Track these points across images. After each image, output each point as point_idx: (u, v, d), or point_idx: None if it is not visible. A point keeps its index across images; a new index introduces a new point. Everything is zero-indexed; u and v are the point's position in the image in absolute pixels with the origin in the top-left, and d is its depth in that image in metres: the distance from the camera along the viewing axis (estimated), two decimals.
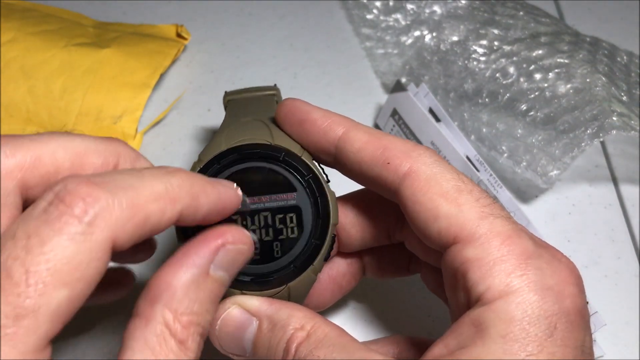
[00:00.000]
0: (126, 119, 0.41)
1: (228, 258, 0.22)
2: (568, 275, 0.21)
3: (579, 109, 0.37)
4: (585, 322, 0.21)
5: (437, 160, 0.24)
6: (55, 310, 0.17)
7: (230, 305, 0.25)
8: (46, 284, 0.16)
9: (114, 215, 0.18)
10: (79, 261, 0.17)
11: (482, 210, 0.22)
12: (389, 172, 0.24)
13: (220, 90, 0.45)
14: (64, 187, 0.18)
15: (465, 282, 0.21)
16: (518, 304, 0.20)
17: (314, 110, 0.26)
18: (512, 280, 0.21)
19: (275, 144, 0.26)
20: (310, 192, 0.26)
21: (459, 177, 0.23)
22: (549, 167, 0.36)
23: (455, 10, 0.45)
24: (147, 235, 0.20)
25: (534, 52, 0.40)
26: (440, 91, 0.42)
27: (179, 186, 0.20)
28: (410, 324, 0.33)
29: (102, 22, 0.47)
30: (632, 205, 0.39)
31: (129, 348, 0.19)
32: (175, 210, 0.20)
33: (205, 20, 0.49)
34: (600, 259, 0.36)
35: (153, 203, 0.19)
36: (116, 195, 0.18)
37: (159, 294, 0.20)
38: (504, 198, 0.34)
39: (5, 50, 0.41)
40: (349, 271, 0.30)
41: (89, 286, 0.18)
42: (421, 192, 0.23)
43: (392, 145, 0.24)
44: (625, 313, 0.34)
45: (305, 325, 0.23)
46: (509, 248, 0.21)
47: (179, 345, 0.20)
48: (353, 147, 0.25)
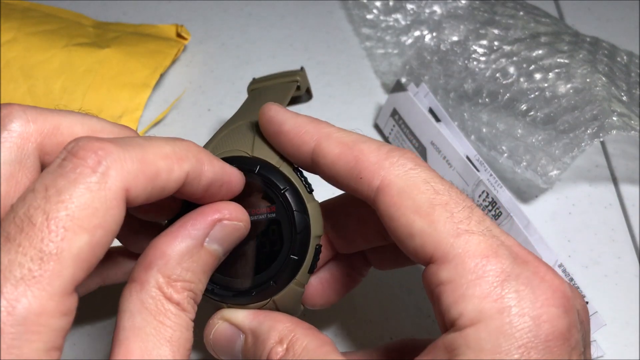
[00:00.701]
0: (126, 118, 0.41)
1: (223, 233, 0.23)
2: (549, 295, 0.20)
3: (579, 109, 0.37)
4: (570, 345, 0.20)
5: (411, 167, 0.22)
6: (78, 254, 0.17)
7: (217, 320, 0.26)
8: (67, 229, 0.17)
9: (125, 166, 0.19)
10: (95, 208, 0.18)
11: (457, 227, 0.21)
12: (362, 187, 0.23)
13: (220, 90, 0.45)
14: (77, 144, 0.19)
15: (439, 306, 0.21)
16: (490, 333, 0.19)
17: (287, 120, 0.25)
18: (484, 305, 0.19)
19: (253, 156, 0.25)
20: (286, 206, 0.25)
21: (434, 188, 0.22)
22: (549, 167, 0.36)
23: (455, 10, 0.45)
24: (158, 193, 0.20)
25: (534, 52, 0.40)
26: (440, 91, 0.42)
27: (186, 149, 0.21)
28: (410, 324, 0.33)
29: (102, 22, 0.47)
30: (632, 205, 0.39)
31: (126, 311, 0.20)
32: (182, 170, 0.21)
33: (205, 20, 0.49)
34: (600, 259, 0.36)
35: (162, 160, 0.20)
36: (127, 151, 0.19)
37: (154, 261, 0.21)
38: (504, 198, 0.34)
39: (5, 50, 0.41)
40: (353, 269, 0.29)
41: (108, 235, 0.18)
42: (394, 207, 0.22)
43: (363, 157, 0.23)
44: (625, 313, 0.34)
45: (284, 339, 0.24)
46: (484, 269, 0.20)
47: (176, 306, 0.20)
48: (326, 161, 0.24)
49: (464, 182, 0.35)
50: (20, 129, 0.20)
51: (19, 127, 0.20)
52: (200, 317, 0.28)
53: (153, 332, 0.20)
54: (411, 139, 0.39)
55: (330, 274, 0.29)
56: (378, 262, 0.30)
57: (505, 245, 0.21)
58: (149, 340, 0.19)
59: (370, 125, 0.43)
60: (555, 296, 0.20)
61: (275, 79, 0.34)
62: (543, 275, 0.20)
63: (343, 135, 0.24)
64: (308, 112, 0.44)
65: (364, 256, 0.30)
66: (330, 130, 0.24)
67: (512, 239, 0.21)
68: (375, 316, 0.33)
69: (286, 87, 0.33)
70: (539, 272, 0.20)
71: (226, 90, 0.45)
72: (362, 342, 0.32)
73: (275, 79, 0.34)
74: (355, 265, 0.29)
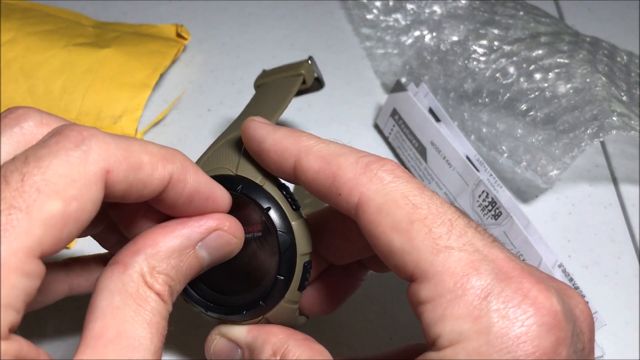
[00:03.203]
0: (126, 118, 0.41)
1: (216, 243, 0.23)
2: (532, 314, 0.19)
3: (579, 109, 0.37)
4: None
5: (390, 180, 0.21)
6: (48, 218, 0.17)
7: (215, 336, 0.26)
8: (40, 191, 0.17)
9: (109, 149, 0.19)
10: (73, 179, 0.18)
11: (436, 243, 0.20)
12: (342, 203, 0.22)
13: (220, 90, 0.45)
14: (62, 125, 0.19)
15: (421, 324, 0.20)
16: (468, 354, 0.19)
17: (265, 138, 0.24)
18: (463, 326, 0.19)
19: (237, 175, 0.25)
20: (270, 225, 0.24)
21: (412, 202, 0.21)
22: (549, 167, 0.36)
23: (455, 10, 0.45)
24: (140, 188, 0.20)
25: (534, 52, 0.40)
26: (440, 91, 0.42)
27: (172, 153, 0.21)
28: (409, 324, 0.33)
29: (102, 22, 0.47)
30: (632, 205, 0.39)
31: (104, 289, 0.20)
32: (166, 170, 0.20)
33: (205, 20, 0.49)
34: (600, 259, 0.36)
35: (146, 155, 0.20)
36: (112, 137, 0.19)
37: (142, 248, 0.21)
38: (504, 198, 0.34)
39: (5, 50, 0.41)
40: (350, 275, 0.29)
41: (84, 212, 0.18)
42: (373, 224, 0.21)
43: (341, 172, 0.22)
44: (625, 313, 0.34)
45: (277, 351, 0.24)
46: (464, 288, 0.19)
47: (156, 295, 0.20)
48: (307, 177, 0.23)
49: (464, 182, 0.35)
50: (33, 129, 0.20)
51: (32, 127, 0.20)
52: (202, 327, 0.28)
53: (131, 314, 0.19)
54: (411, 139, 0.39)
55: (327, 282, 0.28)
56: (375, 266, 0.29)
57: (488, 260, 0.20)
58: (127, 321, 0.19)
59: (370, 125, 0.43)
60: (538, 313, 0.19)
61: (281, 72, 0.34)
62: (527, 292, 0.19)
63: (322, 148, 0.23)
64: (308, 112, 0.44)
65: (359, 261, 0.29)
66: (310, 143, 0.23)
67: (499, 251, 0.20)
68: (375, 316, 0.33)
69: (291, 82, 0.32)
70: (522, 288, 0.19)
71: (226, 90, 0.45)
72: (362, 342, 0.32)
73: (281, 72, 0.34)
74: (352, 271, 0.29)
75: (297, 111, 0.44)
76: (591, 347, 0.21)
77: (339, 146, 0.23)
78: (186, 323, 0.31)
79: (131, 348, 0.19)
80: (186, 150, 0.41)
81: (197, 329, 0.31)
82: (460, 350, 0.19)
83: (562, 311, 0.19)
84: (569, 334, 0.19)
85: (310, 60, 0.33)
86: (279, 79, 0.33)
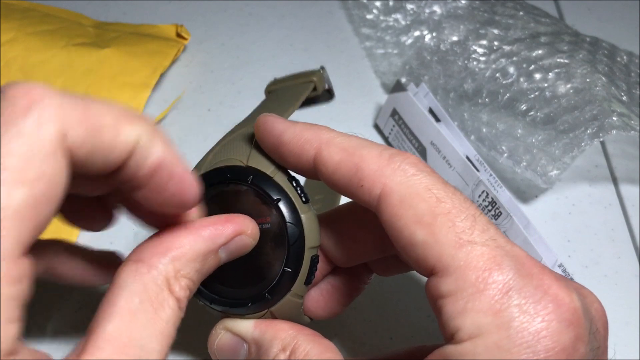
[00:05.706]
0: None
1: (236, 246, 0.23)
2: (552, 310, 0.19)
3: (579, 109, 0.37)
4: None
5: (414, 173, 0.21)
6: (17, 211, 0.16)
7: (220, 330, 0.25)
8: (1, 183, 0.15)
9: (63, 110, 0.17)
10: (29, 157, 0.16)
11: (459, 237, 0.20)
12: (364, 195, 0.22)
13: (220, 90, 0.45)
14: (5, 86, 0.17)
15: (441, 318, 0.20)
16: (487, 348, 0.19)
17: (286, 130, 0.24)
18: (483, 320, 0.19)
19: (248, 165, 0.25)
20: (279, 217, 0.24)
21: (436, 196, 0.21)
22: (549, 167, 0.36)
23: (455, 10, 0.45)
24: (103, 155, 0.18)
25: (534, 52, 0.40)
26: (440, 91, 0.42)
27: (139, 115, 0.19)
28: (409, 324, 0.33)
29: (102, 22, 0.47)
30: (632, 205, 0.39)
31: (124, 288, 0.19)
32: (133, 132, 0.18)
33: (205, 20, 0.49)
34: (600, 259, 0.36)
35: (108, 115, 0.18)
36: (65, 96, 0.17)
37: (170, 249, 0.20)
38: (504, 198, 0.34)
39: (5, 50, 0.41)
40: (354, 278, 0.29)
41: (53, 187, 0.16)
42: (396, 217, 0.21)
43: (364, 164, 0.22)
44: (625, 313, 0.34)
45: (287, 347, 0.23)
46: (486, 282, 0.19)
47: (175, 301, 0.20)
48: (327, 169, 0.23)
49: (464, 182, 0.35)
50: None
51: None
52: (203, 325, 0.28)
53: (147, 322, 0.19)
54: (411, 139, 0.39)
55: (331, 285, 0.28)
56: (380, 270, 0.29)
57: (510, 256, 0.20)
58: (141, 330, 0.19)
59: (370, 126, 0.43)
60: (558, 310, 0.19)
61: (292, 79, 0.34)
62: (547, 288, 0.19)
63: (343, 140, 0.23)
64: (308, 112, 0.44)
65: (365, 264, 0.29)
66: (331, 135, 0.23)
67: (519, 249, 0.21)
68: (375, 316, 0.33)
69: (301, 88, 0.32)
70: (543, 284, 0.19)
71: (226, 91, 0.45)
72: (362, 342, 0.32)
73: (292, 79, 0.34)
74: (356, 274, 0.29)
75: (297, 111, 0.44)
76: (606, 346, 0.21)
77: (360, 139, 0.23)
78: (186, 322, 0.31)
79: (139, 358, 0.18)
80: (186, 150, 0.41)
81: (199, 327, 0.31)
82: (480, 344, 0.19)
83: (580, 308, 0.19)
84: (586, 331, 0.19)
85: (322, 69, 0.34)
86: (290, 85, 0.34)
